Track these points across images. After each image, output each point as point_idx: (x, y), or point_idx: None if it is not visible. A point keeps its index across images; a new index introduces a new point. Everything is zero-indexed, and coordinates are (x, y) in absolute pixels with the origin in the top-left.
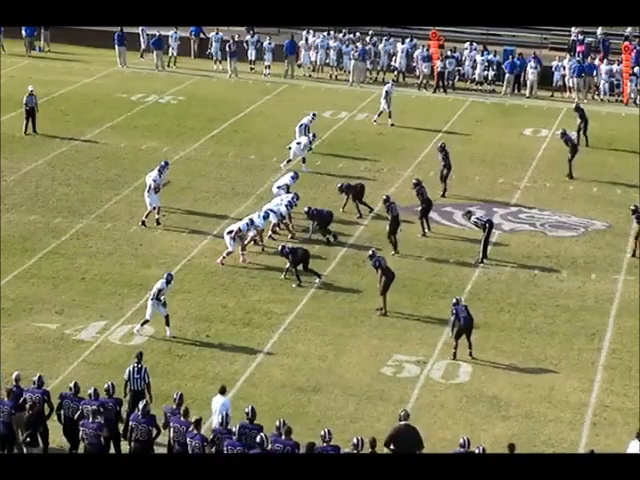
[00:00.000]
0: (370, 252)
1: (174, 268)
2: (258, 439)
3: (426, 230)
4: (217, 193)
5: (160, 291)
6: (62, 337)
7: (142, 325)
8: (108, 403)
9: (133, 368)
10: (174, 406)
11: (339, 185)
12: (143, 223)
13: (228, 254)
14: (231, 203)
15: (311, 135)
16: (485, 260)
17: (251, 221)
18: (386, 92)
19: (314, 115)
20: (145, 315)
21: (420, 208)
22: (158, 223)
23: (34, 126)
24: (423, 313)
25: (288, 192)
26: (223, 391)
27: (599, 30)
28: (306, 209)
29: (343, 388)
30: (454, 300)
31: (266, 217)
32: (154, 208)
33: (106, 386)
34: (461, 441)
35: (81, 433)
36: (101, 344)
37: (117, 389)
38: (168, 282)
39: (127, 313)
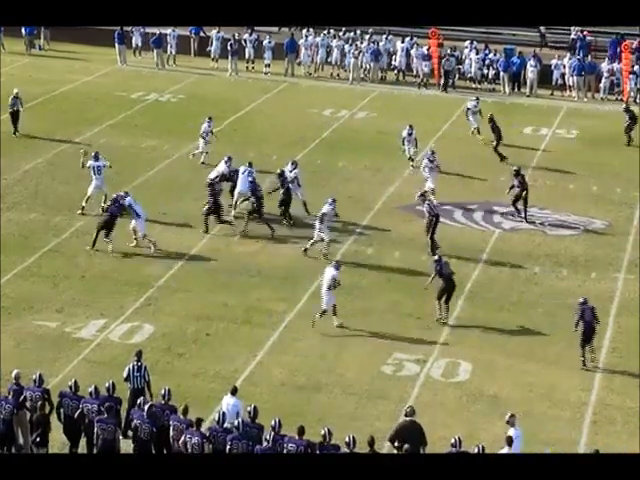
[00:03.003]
0: (436, 257)
1: (174, 266)
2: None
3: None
4: None
5: (335, 280)
6: (62, 335)
7: (321, 316)
8: (110, 402)
9: (133, 366)
10: (162, 402)
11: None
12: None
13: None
14: (231, 201)
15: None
16: (437, 250)
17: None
18: (468, 109)
19: (411, 128)
20: (322, 305)
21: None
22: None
23: (16, 128)
24: (423, 311)
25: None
26: (234, 392)
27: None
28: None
29: (343, 387)
30: (581, 300)
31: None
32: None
33: (107, 385)
34: (452, 441)
35: (97, 429)
36: (101, 342)
37: (116, 387)
38: (337, 268)
39: (127, 311)
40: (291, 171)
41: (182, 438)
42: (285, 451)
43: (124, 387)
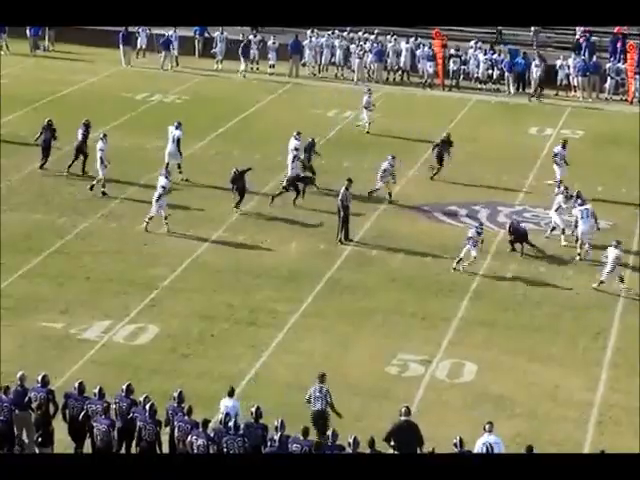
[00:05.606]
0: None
1: (179, 267)
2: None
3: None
4: (222, 192)
5: (618, 258)
6: (67, 336)
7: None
8: (123, 402)
9: (314, 388)
10: (175, 404)
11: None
12: (99, 192)
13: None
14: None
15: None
16: (344, 241)
17: None
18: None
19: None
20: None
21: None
22: (104, 194)
23: None
24: (428, 312)
25: None
26: (232, 393)
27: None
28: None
29: (348, 387)
30: None
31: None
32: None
33: (124, 386)
34: (454, 441)
35: (95, 431)
36: (106, 343)
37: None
38: (616, 247)
39: (132, 312)
40: None
41: (188, 439)
42: (289, 452)
43: (139, 389)
